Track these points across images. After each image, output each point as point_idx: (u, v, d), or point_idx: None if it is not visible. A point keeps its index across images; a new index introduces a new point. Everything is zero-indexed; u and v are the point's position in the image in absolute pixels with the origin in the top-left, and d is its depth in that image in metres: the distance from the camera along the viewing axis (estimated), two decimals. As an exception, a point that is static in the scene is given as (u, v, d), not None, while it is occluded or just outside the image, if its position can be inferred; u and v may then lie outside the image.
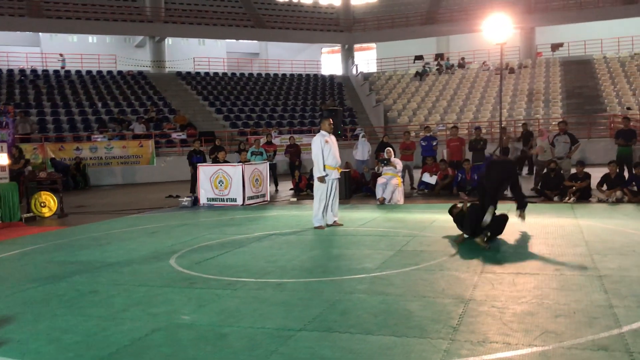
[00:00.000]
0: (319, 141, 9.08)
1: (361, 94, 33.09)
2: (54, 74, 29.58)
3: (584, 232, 7.88)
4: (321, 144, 9.04)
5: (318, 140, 9.11)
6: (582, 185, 11.42)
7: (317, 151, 9.03)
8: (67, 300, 5.29)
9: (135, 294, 5.42)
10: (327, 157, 9.04)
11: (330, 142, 9.18)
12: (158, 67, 32.87)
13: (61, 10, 31.06)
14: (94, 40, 37.42)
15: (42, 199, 12.07)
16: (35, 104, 25.55)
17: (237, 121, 27.47)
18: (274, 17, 37.23)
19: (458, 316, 4.40)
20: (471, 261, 6.29)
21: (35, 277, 6.32)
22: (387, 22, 37.53)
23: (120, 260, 7.09)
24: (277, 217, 10.82)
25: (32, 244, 8.65)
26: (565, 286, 5.16)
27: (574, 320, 4.23)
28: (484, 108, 28.05)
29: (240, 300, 5.08)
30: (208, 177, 13.23)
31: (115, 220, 11.17)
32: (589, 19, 32.97)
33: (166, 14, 33.39)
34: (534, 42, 34.79)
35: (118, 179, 22.11)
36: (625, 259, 6.13)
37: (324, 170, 9.03)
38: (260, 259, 6.86)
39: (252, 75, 34.75)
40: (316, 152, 9.03)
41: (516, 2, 34.16)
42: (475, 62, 34.53)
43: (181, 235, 8.91)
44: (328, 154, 9.06)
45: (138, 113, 26.11)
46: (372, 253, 7.07)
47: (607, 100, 26.73)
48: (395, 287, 5.39)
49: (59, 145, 21.41)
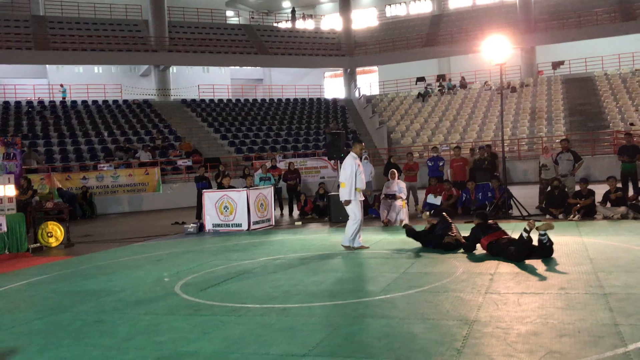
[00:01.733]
0: (353, 164, 9.10)
1: (364, 116, 33.26)
2: (60, 104, 29.93)
3: (589, 249, 7.85)
4: (354, 167, 9.08)
5: (351, 163, 9.12)
6: (586, 203, 11.40)
7: (350, 173, 9.03)
8: (72, 331, 5.31)
9: (140, 323, 5.44)
10: (357, 180, 9.08)
11: (360, 165, 9.27)
12: (163, 95, 33.20)
13: (67, 42, 31.54)
14: (100, 70, 37.86)
15: (48, 229, 12.14)
16: (42, 134, 25.81)
17: (242, 146, 27.64)
18: (277, 43, 37.64)
19: (462, 338, 4.39)
20: (476, 282, 6.28)
21: (41, 308, 6.35)
22: (388, 45, 37.87)
23: (126, 288, 7.12)
24: (281, 242, 10.83)
25: (38, 274, 8.69)
26: (570, 305, 5.14)
27: (579, 340, 4.22)
28: (487, 127, 28.12)
29: (244, 326, 5.09)
30: (213, 203, 13.29)
31: (121, 249, 11.21)
32: (589, 36, 33.14)
33: (170, 43, 33.84)
34: (534, 60, 34.97)
35: (125, 207, 22.20)
36: (630, 276, 6.10)
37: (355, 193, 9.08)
38: (264, 284, 6.87)
39: (256, 101, 35.03)
40: (350, 174, 9.03)
41: (516, 22, 34.48)
42: (477, 82, 34.72)
43: (186, 262, 8.93)
44: (358, 177, 9.11)
45: (144, 141, 26.32)
46: (376, 276, 7.07)
47: (609, 116, 26.76)
48: (400, 310, 5.39)
49: (66, 175, 21.57)
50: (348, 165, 9.12)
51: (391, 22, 43.01)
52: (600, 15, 33.79)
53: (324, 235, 11.53)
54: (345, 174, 9.10)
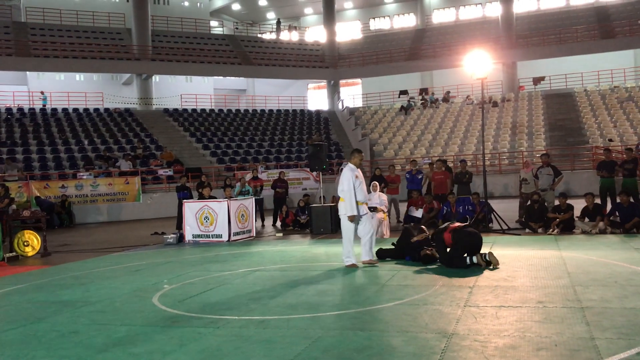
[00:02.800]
0: (350, 176, 8.47)
1: (347, 128, 33.37)
2: (40, 112, 29.60)
3: (567, 263, 7.92)
4: (352, 179, 8.46)
5: (349, 175, 8.49)
6: (565, 217, 11.53)
7: (349, 187, 8.40)
8: (46, 342, 5.22)
9: (116, 334, 5.35)
10: (357, 193, 8.47)
11: (360, 177, 8.65)
12: (145, 104, 33.02)
13: (48, 49, 31.28)
14: (81, 78, 37.57)
15: (25, 237, 11.94)
16: (21, 142, 25.49)
17: (224, 157, 27.54)
18: (261, 54, 37.71)
19: (440, 351, 4.39)
20: (455, 295, 6.29)
21: (15, 318, 6.23)
22: (371, 58, 38.13)
23: (102, 299, 7.01)
24: (262, 253, 10.77)
25: (13, 284, 8.53)
26: (548, 318, 5.17)
27: (556, 353, 4.24)
28: (469, 141, 28.37)
29: (222, 338, 5.04)
30: (194, 214, 13.19)
31: (99, 259, 11.06)
32: (569, 53, 33.77)
33: (153, 52, 33.71)
34: (516, 76, 35.45)
35: (104, 216, 21.96)
36: (607, 290, 6.16)
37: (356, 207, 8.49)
38: (243, 296, 6.82)
39: (239, 112, 34.98)
40: (348, 187, 8.40)
41: (498, 37, 34.95)
42: (459, 97, 35.06)
43: (165, 273, 8.84)
44: (358, 190, 8.49)
45: (125, 150, 26.10)
46: (356, 288, 7.06)
47: (589, 132, 27.17)
48: (379, 322, 5.38)
49: (44, 183, 21.29)
50: (345, 179, 8.49)
51: (375, 36, 43.39)
52: (580, 32, 34.43)
53: (304, 247, 11.49)
54: (343, 187, 8.48)
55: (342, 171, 8.93)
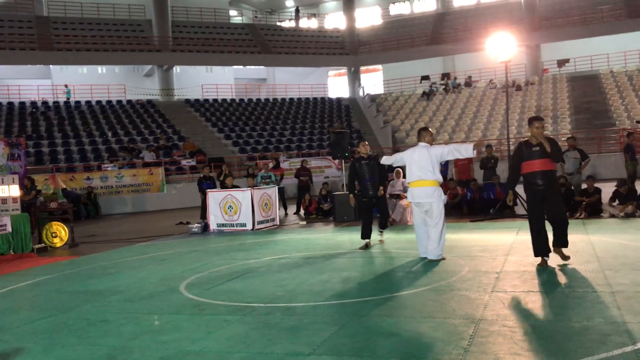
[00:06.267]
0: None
1: (368, 115, 33.20)
2: (64, 105, 29.99)
3: (596, 247, 7.79)
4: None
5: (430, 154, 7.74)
6: (592, 200, 11.33)
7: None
8: (76, 330, 5.30)
9: (144, 322, 5.42)
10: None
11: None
12: (167, 95, 33.22)
13: (71, 42, 31.58)
14: (103, 70, 37.94)
15: (53, 229, 12.14)
16: (46, 135, 25.87)
17: (246, 146, 27.63)
18: (280, 42, 37.62)
19: (469, 337, 4.35)
20: (481, 281, 6.23)
21: (46, 308, 6.34)
22: (392, 44, 37.78)
23: (130, 288, 7.10)
24: (286, 241, 10.80)
25: (43, 274, 8.68)
26: (578, 303, 5.09)
27: (587, 338, 4.17)
28: (492, 126, 28.03)
29: (249, 325, 5.06)
30: (217, 203, 13.27)
31: (126, 249, 11.20)
32: (594, 34, 33.00)
33: (174, 42, 33.85)
34: (539, 58, 34.83)
35: (129, 207, 22.22)
36: (638, 274, 6.04)
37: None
38: (269, 283, 6.84)
39: (260, 101, 35.01)
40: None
41: (521, 20, 34.35)
42: (482, 81, 34.59)
43: (191, 262, 8.91)
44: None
45: (148, 141, 26.34)
46: (381, 275, 7.03)
47: (615, 114, 26.62)
48: (406, 308, 5.35)
49: (70, 175, 21.59)
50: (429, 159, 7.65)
51: (395, 21, 42.92)
52: (605, 12, 33.61)
53: (328, 234, 11.50)
54: (433, 168, 7.63)
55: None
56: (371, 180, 9.24)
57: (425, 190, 7.53)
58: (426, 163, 7.53)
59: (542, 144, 6.72)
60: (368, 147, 9.62)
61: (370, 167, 9.24)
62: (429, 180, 7.52)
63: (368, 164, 9.28)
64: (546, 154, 6.69)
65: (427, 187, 7.53)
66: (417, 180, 7.59)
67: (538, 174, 6.71)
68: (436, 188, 7.54)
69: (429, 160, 7.53)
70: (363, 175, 9.27)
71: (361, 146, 9.50)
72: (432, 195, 7.50)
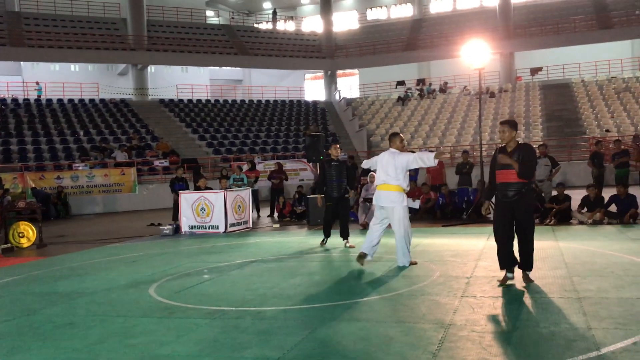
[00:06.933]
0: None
1: (344, 119, 33.29)
2: (35, 102, 29.42)
3: (564, 254, 7.92)
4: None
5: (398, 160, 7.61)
6: (562, 207, 11.52)
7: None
8: (42, 333, 5.19)
9: (112, 325, 5.33)
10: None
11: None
12: (141, 94, 32.85)
13: (43, 39, 31.04)
14: (76, 68, 37.34)
15: (20, 229, 11.89)
16: (15, 132, 25.35)
17: (221, 148, 27.46)
18: (257, 44, 37.52)
19: (438, 341, 4.38)
20: (452, 285, 6.28)
21: (10, 310, 6.20)
22: (368, 49, 37.98)
23: (98, 290, 6.98)
24: (258, 244, 10.75)
25: (8, 275, 8.49)
26: (545, 309, 5.17)
27: (554, 344, 4.23)
28: (466, 132, 28.34)
29: (219, 329, 5.02)
30: (190, 205, 13.15)
31: (95, 250, 11.02)
32: (567, 43, 33.71)
33: (149, 42, 33.50)
34: (513, 66, 35.40)
35: (99, 207, 21.90)
36: (604, 281, 6.16)
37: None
38: (240, 287, 6.79)
39: (236, 102, 34.85)
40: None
41: (495, 28, 34.83)
42: (457, 87, 34.98)
43: (161, 264, 8.81)
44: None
45: (120, 141, 25.99)
46: (353, 279, 7.05)
47: (586, 122, 27.16)
48: (376, 313, 5.36)
49: (40, 174, 21.20)
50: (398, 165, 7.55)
51: (372, 26, 43.19)
52: (578, 22, 34.33)
53: (301, 238, 11.47)
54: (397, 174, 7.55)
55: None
56: (337, 182, 9.57)
57: (388, 194, 7.52)
58: (391, 169, 7.53)
59: (515, 152, 6.17)
60: (339, 150, 9.86)
61: (338, 170, 9.57)
62: (392, 185, 7.51)
63: (337, 167, 9.61)
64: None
65: (389, 191, 7.51)
66: (382, 184, 7.62)
67: (511, 185, 6.11)
68: (399, 193, 7.49)
69: (393, 166, 7.52)
70: (330, 177, 9.60)
71: (332, 149, 9.82)
72: (393, 200, 7.48)
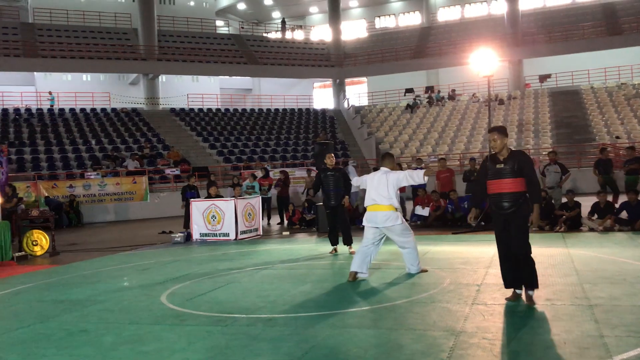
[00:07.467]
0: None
1: (353, 127, 33.35)
2: (47, 112, 29.72)
3: (575, 261, 7.90)
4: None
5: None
6: (572, 214, 11.48)
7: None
8: (55, 340, 5.25)
9: (124, 332, 5.38)
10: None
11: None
12: (152, 104, 33.09)
13: (56, 49, 31.41)
14: (88, 78, 37.70)
15: (33, 237, 12.00)
16: (29, 142, 25.61)
17: (231, 156, 27.59)
18: (266, 53, 37.73)
19: (449, 349, 4.39)
20: (462, 293, 6.29)
21: (25, 317, 6.27)
22: (377, 57, 38.08)
23: (111, 298, 7.05)
24: (269, 252, 10.79)
25: (22, 283, 8.58)
26: (556, 316, 5.16)
27: (565, 351, 4.23)
28: (475, 139, 28.29)
29: (230, 336, 5.05)
30: (201, 213, 13.23)
31: (107, 258, 11.11)
32: (576, 50, 33.62)
33: (160, 52, 33.79)
34: (522, 73, 35.33)
35: (111, 215, 22.04)
36: (615, 288, 6.14)
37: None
38: (251, 294, 6.83)
39: (245, 111, 35.01)
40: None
41: (504, 35, 34.83)
42: (465, 94, 34.96)
43: (173, 271, 8.87)
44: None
45: (132, 150, 26.18)
46: (363, 286, 7.06)
47: (595, 129, 27.03)
48: (387, 320, 5.38)
49: (52, 183, 21.39)
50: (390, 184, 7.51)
51: (380, 34, 43.32)
52: (586, 29, 34.24)
53: (311, 245, 11.51)
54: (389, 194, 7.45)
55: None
56: (334, 191, 9.68)
57: (379, 215, 7.41)
58: (383, 189, 7.42)
59: (509, 160, 5.80)
60: (334, 159, 10.01)
61: (335, 179, 9.69)
62: (383, 205, 7.39)
63: (333, 175, 9.73)
64: (515, 173, 5.71)
65: (381, 211, 7.40)
66: (372, 205, 7.49)
67: (505, 195, 5.70)
68: (392, 212, 7.38)
69: (386, 185, 7.41)
70: (327, 186, 9.72)
71: (327, 158, 9.90)
72: (385, 220, 7.37)
